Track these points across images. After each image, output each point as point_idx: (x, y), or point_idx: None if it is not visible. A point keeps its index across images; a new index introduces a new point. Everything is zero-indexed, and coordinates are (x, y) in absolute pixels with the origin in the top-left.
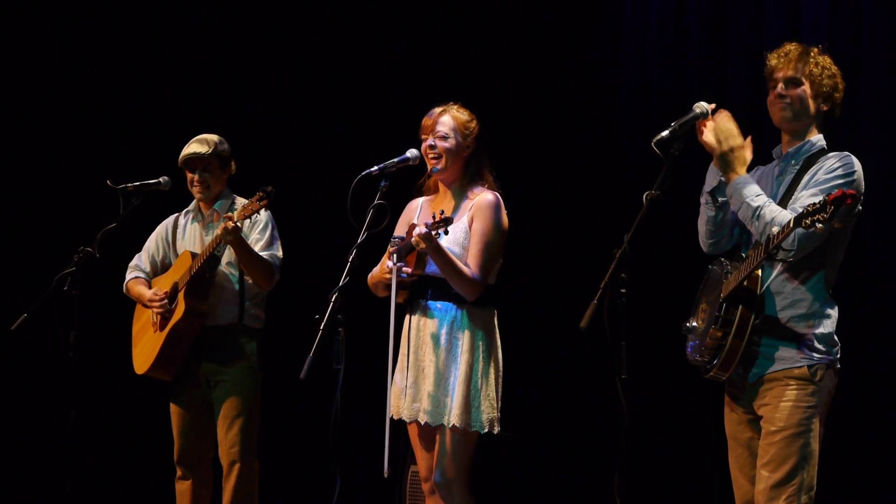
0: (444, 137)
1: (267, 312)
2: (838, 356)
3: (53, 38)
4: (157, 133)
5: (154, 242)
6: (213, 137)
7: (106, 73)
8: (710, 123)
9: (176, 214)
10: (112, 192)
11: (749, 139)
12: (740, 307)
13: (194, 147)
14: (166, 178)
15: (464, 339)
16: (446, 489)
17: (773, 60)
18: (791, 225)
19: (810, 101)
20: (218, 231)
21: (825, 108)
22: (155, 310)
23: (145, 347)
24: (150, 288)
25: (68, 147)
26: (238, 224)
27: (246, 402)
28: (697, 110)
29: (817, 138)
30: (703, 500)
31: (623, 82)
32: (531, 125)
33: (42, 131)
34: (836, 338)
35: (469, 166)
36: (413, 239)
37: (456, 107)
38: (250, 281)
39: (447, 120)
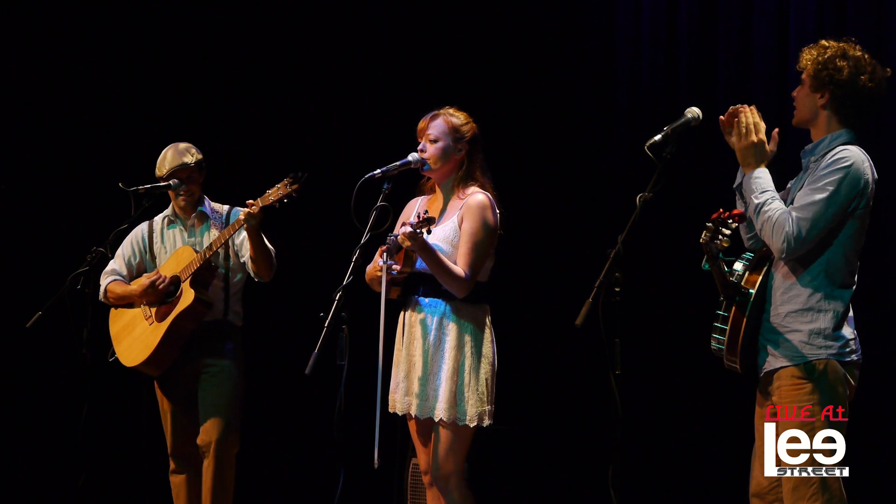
0: (435, 140)
1: (264, 310)
2: (848, 349)
3: (69, 46)
4: (167, 138)
5: (130, 248)
6: (190, 147)
7: (119, 81)
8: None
9: (148, 221)
10: (123, 195)
11: (775, 131)
12: (733, 307)
13: (183, 158)
14: (175, 180)
15: (452, 335)
16: (444, 483)
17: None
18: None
19: (808, 98)
20: (241, 215)
21: (822, 101)
22: (159, 291)
23: (136, 341)
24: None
25: (81, 151)
26: (263, 207)
27: (225, 396)
28: (689, 115)
29: (837, 133)
30: (694, 491)
31: (617, 87)
32: (529, 129)
33: (55, 136)
34: (843, 332)
35: (461, 168)
36: (399, 237)
37: (451, 110)
38: (252, 273)
39: (439, 123)
